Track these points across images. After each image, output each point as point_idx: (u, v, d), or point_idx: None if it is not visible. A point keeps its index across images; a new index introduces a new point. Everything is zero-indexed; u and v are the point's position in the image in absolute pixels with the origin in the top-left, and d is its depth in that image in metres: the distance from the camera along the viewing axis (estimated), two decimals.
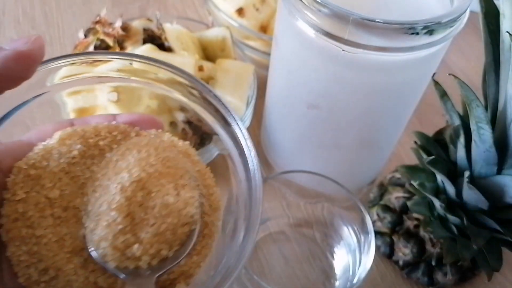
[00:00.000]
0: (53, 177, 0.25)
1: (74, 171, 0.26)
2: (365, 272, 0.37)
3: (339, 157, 0.43)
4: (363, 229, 0.40)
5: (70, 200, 0.25)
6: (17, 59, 0.22)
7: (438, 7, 0.34)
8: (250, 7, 0.56)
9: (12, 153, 0.25)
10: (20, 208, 0.23)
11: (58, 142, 0.26)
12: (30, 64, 0.23)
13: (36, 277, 0.23)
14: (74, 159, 0.26)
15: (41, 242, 0.23)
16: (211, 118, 0.30)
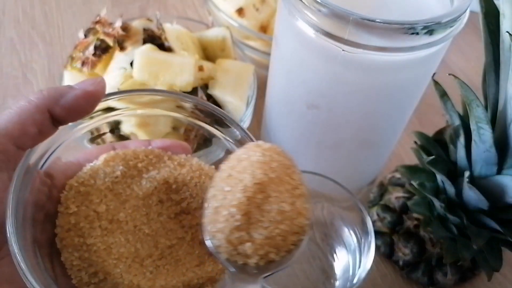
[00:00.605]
0: (99, 194, 0.28)
1: (117, 189, 0.29)
2: (365, 272, 0.37)
3: (339, 157, 0.43)
4: (363, 229, 0.40)
5: (114, 214, 0.28)
6: (85, 97, 0.27)
7: (438, 7, 0.34)
8: (250, 7, 0.56)
9: (64, 172, 0.29)
10: (73, 220, 0.27)
11: (103, 163, 0.30)
12: (95, 101, 0.27)
13: (86, 279, 0.26)
14: (117, 178, 0.29)
15: (91, 249, 0.27)
16: (209, 127, 0.33)
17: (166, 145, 0.32)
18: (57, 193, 0.28)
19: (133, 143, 0.32)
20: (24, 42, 0.63)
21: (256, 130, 0.55)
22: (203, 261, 0.30)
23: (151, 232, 0.29)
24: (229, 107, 0.47)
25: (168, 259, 0.29)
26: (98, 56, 0.46)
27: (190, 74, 0.44)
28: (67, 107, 0.26)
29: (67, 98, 0.26)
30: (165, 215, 0.30)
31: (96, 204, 0.28)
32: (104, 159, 0.30)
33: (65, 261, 0.27)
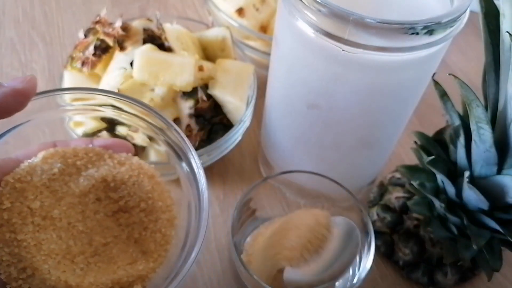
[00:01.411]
0: (35, 190, 0.29)
1: (53, 186, 0.30)
2: (365, 272, 0.37)
3: (339, 157, 0.43)
4: (363, 229, 0.40)
5: (48, 211, 0.29)
6: (14, 95, 0.27)
7: (438, 7, 0.34)
8: (250, 7, 0.56)
9: (1, 169, 0.29)
10: (5, 215, 0.27)
11: (41, 160, 0.30)
12: (24, 100, 0.28)
13: (15, 275, 0.27)
14: (54, 176, 0.30)
15: (21, 245, 0.27)
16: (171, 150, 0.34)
17: (108, 144, 0.33)
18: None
19: (74, 142, 0.33)
20: (24, 42, 0.63)
21: (256, 130, 0.55)
22: (136, 260, 0.31)
23: (86, 229, 0.30)
24: (229, 107, 0.47)
25: (101, 257, 0.30)
26: (98, 56, 0.46)
27: (190, 74, 0.44)
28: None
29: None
30: (102, 213, 0.31)
31: (30, 201, 0.28)
32: (42, 156, 0.30)
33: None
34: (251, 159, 0.54)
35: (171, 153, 0.34)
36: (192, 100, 0.45)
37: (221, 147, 0.46)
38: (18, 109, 0.28)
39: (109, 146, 0.33)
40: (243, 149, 0.55)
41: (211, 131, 0.47)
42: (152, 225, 0.32)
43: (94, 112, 0.35)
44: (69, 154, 0.31)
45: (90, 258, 0.30)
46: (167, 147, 0.34)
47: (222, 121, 0.47)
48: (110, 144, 0.33)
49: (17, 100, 0.27)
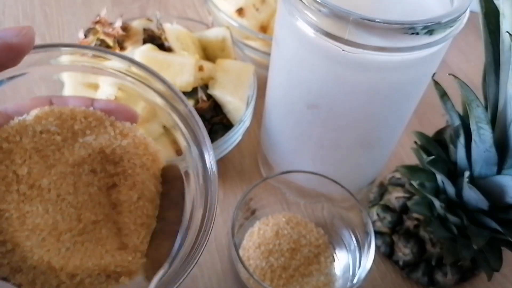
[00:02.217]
0: (23, 154, 0.25)
1: (45, 151, 0.26)
2: (365, 272, 0.37)
3: (339, 157, 0.43)
4: (363, 229, 0.40)
5: (36, 179, 0.25)
6: (5, 49, 0.23)
7: (438, 7, 0.34)
8: (250, 7, 0.56)
9: None
10: None
11: (34, 119, 0.26)
12: (17, 55, 0.24)
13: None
14: (47, 139, 0.26)
15: (3, 215, 0.24)
16: (185, 136, 0.30)
17: (110, 108, 0.28)
18: None
19: (73, 100, 0.28)
20: None
21: (256, 130, 0.55)
22: (125, 247, 0.28)
23: (76, 203, 0.27)
24: (229, 107, 0.47)
25: (89, 236, 0.27)
26: None
27: (190, 74, 0.44)
28: None
29: None
30: (96, 186, 0.28)
31: (17, 165, 0.25)
32: (35, 115, 0.26)
33: None
34: (251, 159, 0.54)
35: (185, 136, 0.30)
36: (192, 100, 0.45)
37: (221, 147, 0.46)
38: (9, 66, 0.24)
39: (112, 110, 0.28)
40: (243, 149, 0.55)
41: (211, 131, 0.47)
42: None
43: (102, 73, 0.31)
44: (66, 116, 0.27)
45: (77, 236, 0.26)
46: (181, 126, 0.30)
47: (222, 121, 0.47)
48: (114, 109, 0.28)
49: (9, 56, 0.24)
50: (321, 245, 0.44)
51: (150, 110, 0.43)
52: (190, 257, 0.25)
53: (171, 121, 0.30)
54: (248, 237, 0.44)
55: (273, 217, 0.45)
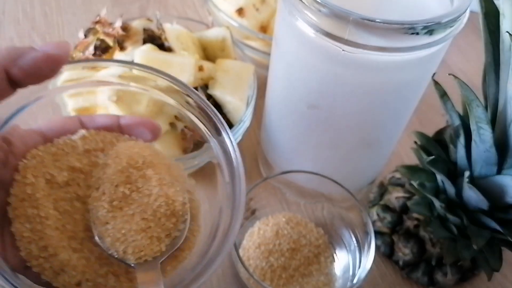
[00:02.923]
0: (63, 167, 0.28)
1: (84, 167, 0.29)
2: (365, 272, 0.37)
3: (339, 157, 0.43)
4: (363, 229, 0.40)
5: (74, 191, 0.28)
6: (46, 60, 0.25)
7: (438, 7, 0.34)
8: (250, 7, 0.56)
9: (23, 139, 0.28)
10: (29, 190, 0.26)
11: (80, 139, 0.29)
12: (56, 66, 0.26)
13: (36, 253, 0.25)
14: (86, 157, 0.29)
15: (44, 222, 0.25)
16: (204, 127, 0.32)
17: (136, 122, 0.31)
18: (14, 160, 0.27)
19: (101, 118, 0.31)
20: (24, 42, 0.63)
21: (256, 130, 0.55)
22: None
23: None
24: (229, 107, 0.47)
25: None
26: (98, 56, 0.46)
27: (190, 74, 0.44)
28: (25, 69, 0.24)
29: (26, 59, 0.24)
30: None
31: (55, 178, 0.27)
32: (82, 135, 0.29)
33: (15, 231, 0.25)
34: (251, 159, 0.54)
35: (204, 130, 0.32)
36: None
37: None
38: (49, 76, 0.26)
39: (137, 124, 0.31)
40: (243, 149, 0.55)
41: None
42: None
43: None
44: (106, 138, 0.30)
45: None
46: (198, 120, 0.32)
47: None
48: (139, 122, 0.31)
49: (50, 66, 0.25)
50: (321, 245, 0.44)
51: (154, 108, 0.43)
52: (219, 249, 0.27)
53: (185, 116, 0.32)
54: (248, 237, 0.44)
55: (273, 217, 0.45)
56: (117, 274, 0.27)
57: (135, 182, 0.28)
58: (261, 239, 0.43)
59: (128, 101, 0.41)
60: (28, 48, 0.25)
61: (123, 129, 0.31)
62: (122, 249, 0.27)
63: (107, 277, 0.27)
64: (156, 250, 0.27)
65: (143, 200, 0.27)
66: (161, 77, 0.31)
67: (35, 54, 0.25)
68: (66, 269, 0.25)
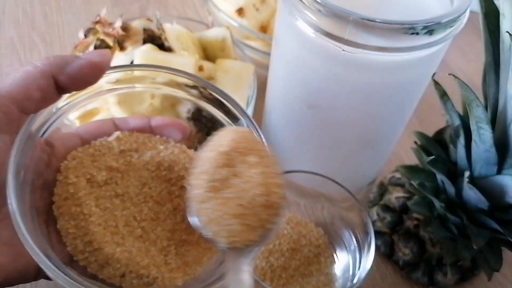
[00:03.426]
0: (102, 167, 0.29)
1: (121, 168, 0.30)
2: (365, 272, 0.37)
3: (339, 157, 0.43)
4: (363, 229, 0.40)
5: (113, 189, 0.29)
6: (90, 67, 0.27)
7: (438, 7, 0.34)
8: (250, 7, 0.56)
9: (63, 142, 0.30)
10: (71, 189, 0.28)
11: (115, 140, 0.31)
12: (99, 72, 0.28)
13: (81, 247, 0.27)
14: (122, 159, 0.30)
15: (88, 219, 0.27)
16: (222, 115, 0.34)
17: (165, 123, 0.33)
18: (56, 161, 0.29)
19: (133, 120, 0.33)
20: (24, 42, 0.63)
21: None
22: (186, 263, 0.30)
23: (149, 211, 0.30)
24: None
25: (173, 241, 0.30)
26: None
27: None
28: (71, 75, 0.26)
29: (73, 66, 0.26)
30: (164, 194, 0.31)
31: (95, 177, 0.29)
32: (116, 137, 0.31)
33: (61, 228, 0.27)
34: None
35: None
36: None
37: None
38: (92, 82, 0.28)
39: (166, 125, 0.33)
40: None
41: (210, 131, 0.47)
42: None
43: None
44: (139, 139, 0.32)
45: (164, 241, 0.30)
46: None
47: None
48: (168, 124, 0.33)
49: (93, 73, 0.27)
50: (321, 245, 0.44)
51: (163, 103, 0.43)
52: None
53: (202, 107, 0.34)
54: None
55: None
56: (157, 265, 0.28)
57: (237, 166, 0.28)
58: None
59: (130, 100, 0.41)
60: (74, 57, 0.27)
61: (154, 130, 0.33)
62: (215, 230, 0.27)
63: (149, 268, 0.27)
64: (249, 239, 0.27)
65: (243, 186, 0.27)
66: (163, 72, 0.33)
67: (81, 62, 0.27)
68: (110, 262, 0.27)
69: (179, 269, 0.29)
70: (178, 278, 0.28)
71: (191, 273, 0.29)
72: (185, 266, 0.29)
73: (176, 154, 0.32)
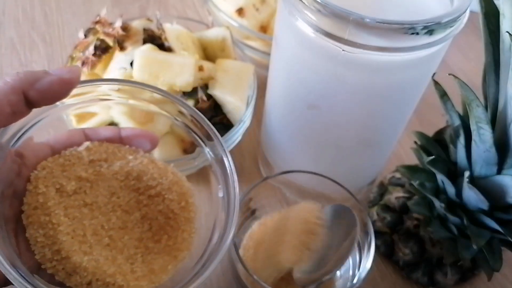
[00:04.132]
0: (71, 177, 0.30)
1: (91, 177, 0.31)
2: (365, 272, 0.37)
3: (339, 157, 0.43)
4: (363, 229, 0.40)
5: (82, 199, 0.30)
6: (60, 83, 0.28)
7: (438, 7, 0.34)
8: (250, 7, 0.56)
9: (34, 152, 0.30)
10: (41, 198, 0.28)
11: (85, 150, 0.31)
12: (69, 88, 0.28)
13: (49, 256, 0.27)
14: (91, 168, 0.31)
15: (56, 228, 0.28)
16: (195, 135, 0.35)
17: (135, 134, 0.34)
18: (26, 171, 0.29)
19: (104, 130, 0.33)
20: (24, 42, 0.63)
21: (256, 130, 0.55)
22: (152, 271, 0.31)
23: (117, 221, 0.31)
24: (229, 107, 0.47)
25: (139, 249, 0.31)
26: (98, 56, 0.46)
27: (190, 74, 0.44)
28: (41, 91, 0.27)
29: (42, 82, 0.27)
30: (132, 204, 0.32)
31: (64, 187, 0.29)
32: (87, 147, 0.31)
33: (29, 237, 0.28)
34: (251, 159, 0.54)
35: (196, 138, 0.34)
36: (192, 100, 0.45)
37: None
38: (62, 97, 0.29)
39: (137, 135, 0.34)
40: (243, 149, 0.55)
41: None
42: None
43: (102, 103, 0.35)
44: (109, 149, 0.32)
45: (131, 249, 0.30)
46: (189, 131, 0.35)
47: (222, 121, 0.47)
48: (139, 134, 0.34)
49: (62, 88, 0.28)
50: None
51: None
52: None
53: (179, 125, 0.35)
54: (248, 237, 0.44)
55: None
56: (124, 273, 0.29)
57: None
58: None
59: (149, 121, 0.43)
60: (44, 73, 0.27)
61: (123, 141, 0.34)
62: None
63: (115, 276, 0.28)
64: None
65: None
66: (151, 91, 0.33)
67: (51, 78, 0.27)
68: (78, 271, 0.27)
69: (145, 277, 0.30)
70: (143, 286, 0.29)
71: (157, 281, 0.30)
72: (151, 274, 0.30)
73: (145, 164, 0.32)
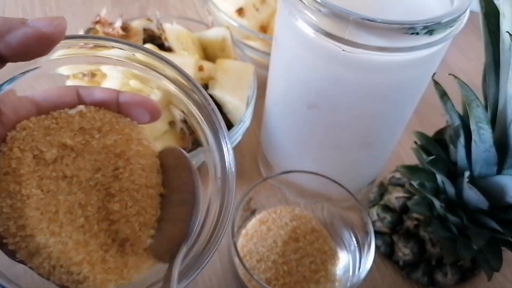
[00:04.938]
0: (52, 144, 0.26)
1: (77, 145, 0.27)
2: (365, 272, 0.37)
3: (339, 157, 0.43)
4: (363, 229, 0.40)
5: (62, 170, 0.26)
6: (38, 38, 0.23)
7: (438, 7, 0.34)
8: (250, 7, 0.56)
9: (15, 109, 0.26)
10: (14, 164, 0.24)
11: (78, 114, 0.27)
12: (49, 44, 0.24)
13: (13, 230, 0.24)
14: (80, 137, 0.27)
15: (25, 201, 0.24)
16: (206, 125, 0.31)
17: (135, 101, 0.29)
18: (2, 130, 0.25)
19: (100, 91, 0.29)
20: None
21: (256, 130, 0.55)
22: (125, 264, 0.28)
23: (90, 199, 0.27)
24: (229, 107, 0.47)
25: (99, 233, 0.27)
26: None
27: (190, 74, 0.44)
28: (13, 45, 0.22)
29: (16, 35, 0.22)
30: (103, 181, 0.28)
31: (43, 154, 0.26)
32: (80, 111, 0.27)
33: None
34: (251, 159, 0.54)
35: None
36: None
37: None
38: (41, 54, 0.24)
39: (138, 103, 0.29)
40: (243, 149, 0.55)
41: None
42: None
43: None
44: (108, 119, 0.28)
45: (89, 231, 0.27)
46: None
47: None
48: (139, 102, 0.29)
49: (41, 44, 0.23)
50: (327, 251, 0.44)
51: (161, 100, 0.43)
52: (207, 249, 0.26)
53: (187, 109, 0.30)
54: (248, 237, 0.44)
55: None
56: (92, 263, 0.26)
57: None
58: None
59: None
60: (20, 23, 0.23)
61: (121, 107, 0.29)
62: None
63: (81, 265, 0.25)
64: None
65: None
66: (166, 65, 0.29)
67: (26, 31, 0.22)
68: (41, 252, 0.24)
69: (116, 270, 0.27)
70: (112, 281, 0.26)
71: (127, 277, 0.27)
72: (124, 267, 0.27)
73: (145, 146, 0.29)
